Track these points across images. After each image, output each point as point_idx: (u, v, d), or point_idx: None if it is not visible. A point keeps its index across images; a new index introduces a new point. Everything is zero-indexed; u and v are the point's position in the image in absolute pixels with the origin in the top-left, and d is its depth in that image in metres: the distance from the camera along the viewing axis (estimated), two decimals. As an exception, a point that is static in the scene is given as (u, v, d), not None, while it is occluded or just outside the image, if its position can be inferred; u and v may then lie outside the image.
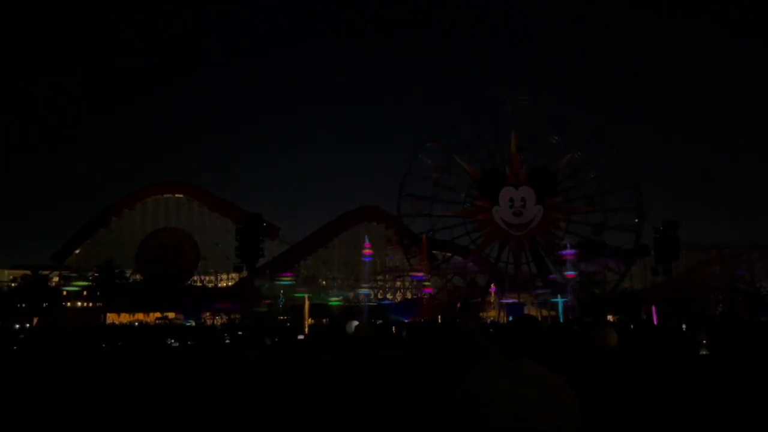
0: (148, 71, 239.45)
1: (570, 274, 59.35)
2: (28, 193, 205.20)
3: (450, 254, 76.57)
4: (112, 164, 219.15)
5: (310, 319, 69.00)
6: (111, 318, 68.99)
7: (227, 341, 24.81)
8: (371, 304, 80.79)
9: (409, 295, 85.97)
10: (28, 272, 75.22)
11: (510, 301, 67.32)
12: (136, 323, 60.43)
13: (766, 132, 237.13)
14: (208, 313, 74.21)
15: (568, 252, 60.24)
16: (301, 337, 21.40)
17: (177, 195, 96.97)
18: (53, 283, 79.25)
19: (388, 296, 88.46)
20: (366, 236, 62.15)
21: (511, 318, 62.66)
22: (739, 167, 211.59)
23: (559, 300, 56.98)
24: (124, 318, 69.15)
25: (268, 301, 55.44)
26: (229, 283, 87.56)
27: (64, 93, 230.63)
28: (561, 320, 50.62)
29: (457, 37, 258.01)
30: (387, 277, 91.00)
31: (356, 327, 7.45)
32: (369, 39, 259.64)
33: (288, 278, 64.81)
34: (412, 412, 4.72)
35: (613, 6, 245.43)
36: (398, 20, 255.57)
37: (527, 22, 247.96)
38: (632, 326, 26.22)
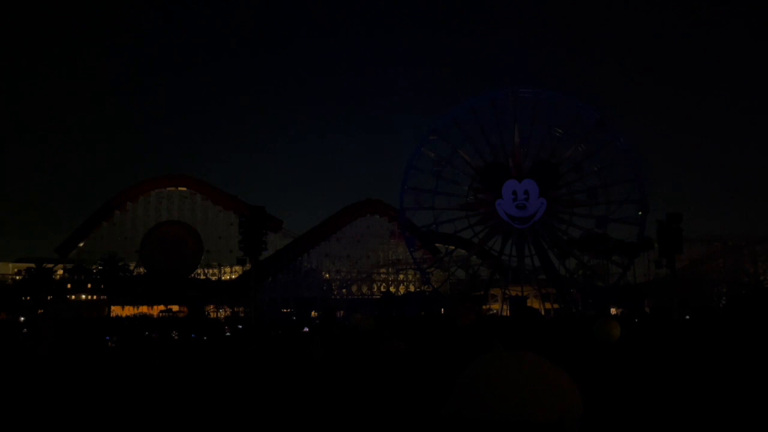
0: (150, 64, 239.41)
1: None
2: (32, 186, 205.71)
3: (453, 247, 76.47)
4: (115, 158, 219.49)
5: (314, 312, 69.18)
6: (115, 311, 69.32)
7: (228, 334, 24.90)
8: (376, 297, 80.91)
9: (412, 288, 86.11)
10: (32, 265, 75.52)
11: (513, 293, 67.27)
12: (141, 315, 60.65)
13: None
14: (211, 306, 74.45)
15: None
16: (306, 329, 21.48)
17: (180, 188, 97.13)
18: (57, 276, 79.58)
19: (391, 289, 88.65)
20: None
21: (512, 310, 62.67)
22: (743, 160, 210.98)
23: None
24: (128, 311, 69.47)
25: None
26: (233, 276, 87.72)
27: (68, 85, 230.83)
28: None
29: (460, 29, 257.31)
30: (390, 270, 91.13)
31: (357, 319, 7.38)
32: (371, 33, 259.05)
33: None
34: (412, 406, 4.68)
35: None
36: (401, 14, 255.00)
37: (530, 14, 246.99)
38: (636, 319, 26.18)
